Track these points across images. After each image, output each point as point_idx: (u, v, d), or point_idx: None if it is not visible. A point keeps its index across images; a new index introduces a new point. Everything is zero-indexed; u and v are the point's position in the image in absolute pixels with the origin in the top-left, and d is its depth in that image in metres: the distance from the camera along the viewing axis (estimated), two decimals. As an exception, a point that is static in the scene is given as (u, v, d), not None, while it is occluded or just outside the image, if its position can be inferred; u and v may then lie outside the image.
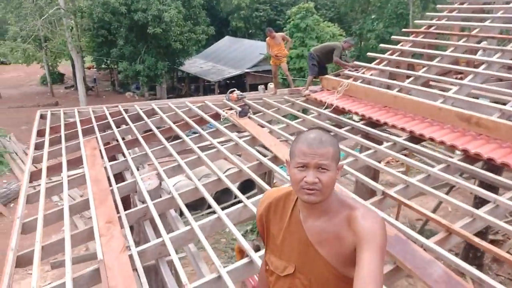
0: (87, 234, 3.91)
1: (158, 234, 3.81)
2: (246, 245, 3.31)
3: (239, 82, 27.55)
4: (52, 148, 6.49)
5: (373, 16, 29.13)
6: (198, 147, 5.63)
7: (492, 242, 8.35)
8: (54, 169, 5.80)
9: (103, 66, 28.94)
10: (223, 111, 6.75)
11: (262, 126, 6.01)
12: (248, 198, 4.03)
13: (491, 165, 4.15)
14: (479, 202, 6.95)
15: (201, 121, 6.80)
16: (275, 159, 4.86)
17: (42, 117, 7.92)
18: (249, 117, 6.25)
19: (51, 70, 28.63)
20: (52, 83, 28.05)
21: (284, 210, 1.62)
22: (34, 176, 5.45)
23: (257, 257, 3.09)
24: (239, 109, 6.54)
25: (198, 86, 29.23)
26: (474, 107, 4.89)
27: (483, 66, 5.28)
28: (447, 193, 7.11)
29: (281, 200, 1.65)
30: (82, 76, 23.47)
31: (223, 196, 9.76)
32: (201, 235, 3.50)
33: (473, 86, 5.14)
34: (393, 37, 7.10)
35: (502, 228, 3.20)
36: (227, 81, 27.62)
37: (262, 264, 1.83)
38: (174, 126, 6.34)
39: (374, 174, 5.59)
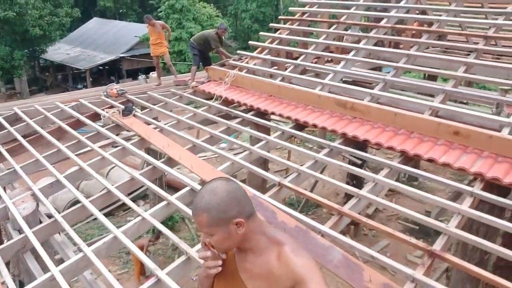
0: None
1: (44, 265, 3.35)
2: (151, 264, 3.12)
3: (114, 68, 25.61)
4: None
5: (247, -4, 29.62)
6: (78, 155, 5.07)
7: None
8: None
9: None
10: (103, 110, 6.16)
11: (149, 124, 5.69)
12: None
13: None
14: (351, 180, 7.88)
15: (77, 124, 6.12)
16: (169, 162, 4.65)
17: None
18: (135, 115, 5.83)
19: None
20: None
21: None
22: None
23: (163, 275, 2.95)
24: (122, 106, 6.05)
25: (66, 75, 26.24)
26: (347, 91, 5.37)
27: (352, 53, 5.80)
28: (321, 172, 7.82)
29: None
30: None
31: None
32: (97, 261, 3.18)
33: (345, 72, 5.63)
34: (271, 24, 7.31)
35: (382, 204, 3.64)
36: (100, 68, 25.42)
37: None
38: (45, 133, 5.56)
39: (265, 164, 5.80)
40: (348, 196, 7.98)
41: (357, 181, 7.56)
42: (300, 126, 5.13)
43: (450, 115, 4.55)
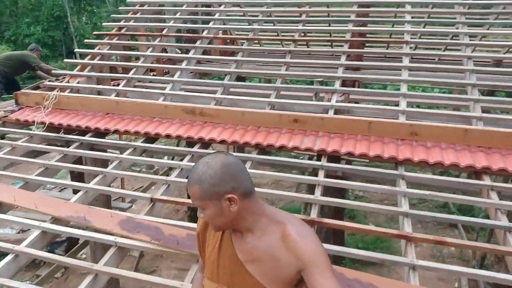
0: None
1: None
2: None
3: None
4: None
5: (27, 20, 26.14)
6: None
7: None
8: None
9: None
10: None
11: None
12: None
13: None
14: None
15: None
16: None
17: None
18: None
19: None
20: None
21: None
22: None
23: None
24: None
25: None
26: (189, 99, 5.45)
27: (184, 62, 5.91)
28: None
29: None
30: None
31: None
32: None
33: (183, 81, 5.69)
34: (86, 41, 6.69)
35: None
36: None
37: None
38: None
39: (121, 182, 5.32)
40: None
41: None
42: (152, 139, 4.91)
43: (282, 107, 5.20)
